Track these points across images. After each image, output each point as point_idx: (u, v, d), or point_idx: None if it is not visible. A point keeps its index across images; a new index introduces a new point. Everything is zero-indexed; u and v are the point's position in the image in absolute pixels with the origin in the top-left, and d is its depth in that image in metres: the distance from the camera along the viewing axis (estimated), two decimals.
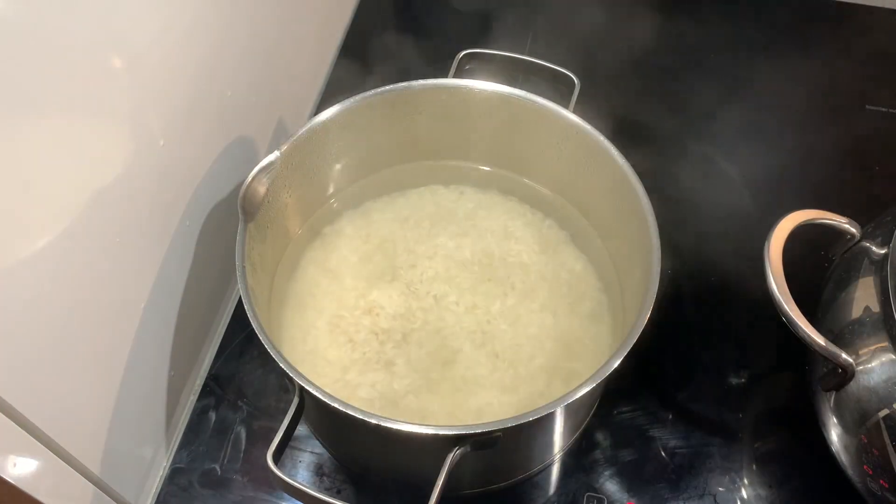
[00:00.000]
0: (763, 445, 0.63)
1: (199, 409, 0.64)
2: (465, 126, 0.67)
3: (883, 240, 0.54)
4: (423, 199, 0.69)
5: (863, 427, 0.52)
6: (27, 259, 0.41)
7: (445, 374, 0.59)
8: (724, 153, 0.81)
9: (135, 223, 0.52)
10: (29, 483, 0.44)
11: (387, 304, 0.62)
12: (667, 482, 0.60)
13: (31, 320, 0.43)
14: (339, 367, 0.59)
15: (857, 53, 0.90)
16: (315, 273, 0.65)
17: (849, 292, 0.55)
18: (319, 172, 0.65)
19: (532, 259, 0.65)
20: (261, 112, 0.70)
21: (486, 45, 0.69)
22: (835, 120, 0.84)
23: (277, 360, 0.48)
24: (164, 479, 0.61)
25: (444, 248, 0.66)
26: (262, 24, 0.67)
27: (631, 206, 0.58)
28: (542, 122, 0.63)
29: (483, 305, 0.62)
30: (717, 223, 0.76)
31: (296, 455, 0.62)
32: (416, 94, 0.64)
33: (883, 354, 0.51)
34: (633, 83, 0.88)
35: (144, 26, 0.49)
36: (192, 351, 0.65)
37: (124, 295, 0.52)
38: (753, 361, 0.67)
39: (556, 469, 0.61)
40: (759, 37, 0.91)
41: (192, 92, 0.56)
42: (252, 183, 0.55)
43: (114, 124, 0.48)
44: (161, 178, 0.54)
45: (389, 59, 0.85)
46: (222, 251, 0.64)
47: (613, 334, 0.61)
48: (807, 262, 0.60)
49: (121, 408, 0.53)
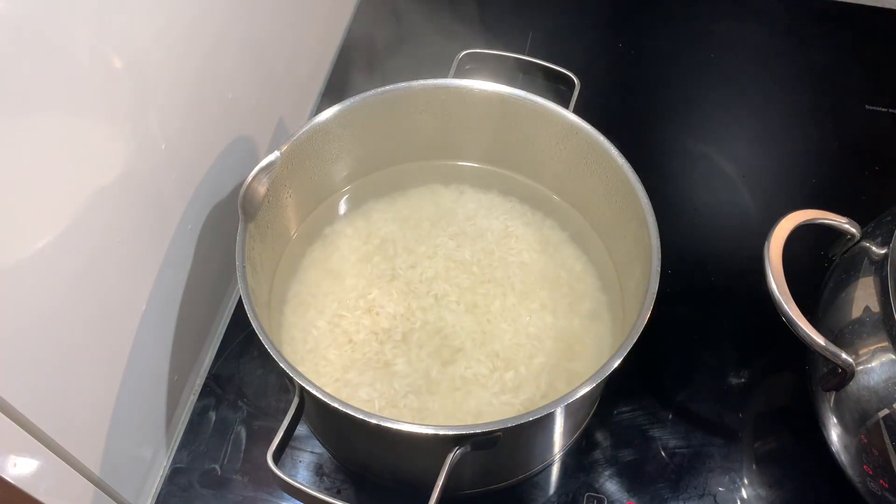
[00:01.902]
0: (763, 445, 0.63)
1: (199, 409, 0.64)
2: (466, 126, 0.67)
3: (883, 240, 0.54)
4: (423, 199, 0.69)
5: (863, 427, 0.52)
6: (27, 259, 0.41)
7: (445, 374, 0.59)
8: (724, 153, 0.81)
9: (135, 223, 0.52)
10: (29, 483, 0.44)
11: (387, 304, 0.62)
12: (667, 482, 0.60)
13: (31, 320, 0.42)
14: (339, 366, 0.59)
15: (857, 53, 0.90)
16: (315, 273, 0.65)
17: (849, 292, 0.55)
18: (319, 172, 0.65)
19: (532, 259, 0.65)
20: (261, 112, 0.70)
21: (486, 45, 0.69)
22: (835, 120, 0.84)
23: (277, 360, 0.48)
24: (164, 479, 0.61)
25: (444, 248, 0.66)
26: (262, 25, 0.67)
27: (631, 206, 0.58)
28: (542, 122, 0.63)
29: (483, 305, 0.62)
30: (717, 223, 0.76)
31: (296, 455, 0.62)
32: (416, 94, 0.64)
33: (883, 354, 0.51)
34: (633, 83, 0.88)
35: (144, 26, 0.49)
36: (192, 351, 0.65)
37: (124, 295, 0.52)
38: (753, 361, 0.67)
39: (556, 469, 0.61)
40: (759, 37, 0.92)
41: (192, 92, 0.56)
42: (252, 183, 0.55)
43: (114, 124, 0.48)
44: (161, 178, 0.54)
45: (389, 59, 0.85)
46: (222, 251, 0.64)
47: (613, 334, 0.61)
48: (807, 262, 0.60)
49: (121, 408, 0.53)
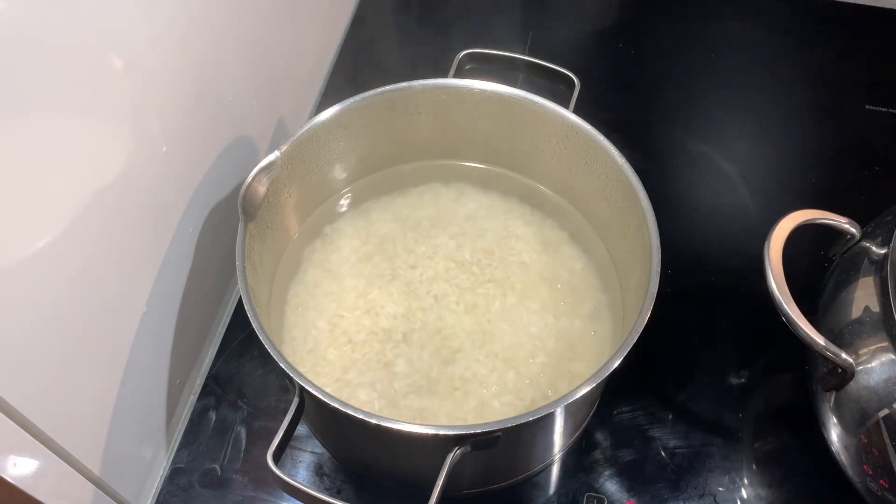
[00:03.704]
0: (763, 445, 0.63)
1: (199, 408, 0.64)
2: (465, 126, 0.67)
3: (883, 240, 0.54)
4: (423, 199, 0.69)
5: (863, 427, 0.52)
6: (27, 259, 0.41)
7: (445, 374, 0.59)
8: (724, 153, 0.81)
9: (135, 223, 0.52)
10: (29, 483, 0.44)
11: (387, 304, 0.62)
12: (667, 482, 0.60)
13: (32, 320, 0.43)
14: (339, 367, 0.59)
15: (857, 53, 0.90)
16: (315, 273, 0.65)
17: (849, 292, 0.55)
18: (319, 172, 0.65)
19: (532, 259, 0.65)
20: (261, 112, 0.70)
21: (486, 45, 0.68)
22: (835, 120, 0.84)
23: (277, 360, 0.48)
24: (164, 479, 0.61)
25: (444, 248, 0.66)
26: (262, 24, 0.67)
27: (631, 206, 0.58)
28: (542, 122, 0.63)
29: (483, 305, 0.62)
30: (717, 223, 0.76)
31: (296, 455, 0.62)
32: (416, 94, 0.64)
33: (883, 354, 0.51)
34: (633, 83, 0.88)
35: (144, 26, 0.49)
36: (192, 351, 0.65)
37: (124, 295, 0.52)
38: (753, 361, 0.67)
39: (556, 469, 0.61)
40: (759, 37, 0.91)
41: (192, 92, 0.56)
42: (252, 183, 0.55)
43: (114, 124, 0.48)
44: (161, 178, 0.54)
45: (389, 59, 0.85)
46: (222, 251, 0.64)
47: (614, 334, 0.61)
48: (807, 262, 0.60)
49: (121, 408, 0.53)
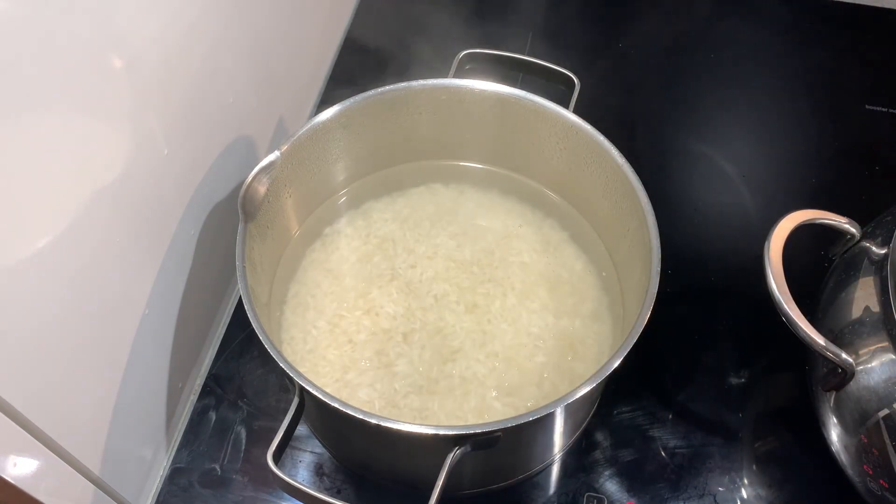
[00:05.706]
0: (763, 445, 0.63)
1: (199, 409, 0.64)
2: (465, 126, 0.67)
3: (883, 240, 0.54)
4: (423, 199, 0.69)
5: (863, 427, 0.52)
6: (27, 259, 0.41)
7: (445, 374, 0.59)
8: (724, 153, 0.81)
9: (135, 223, 0.52)
10: (29, 483, 0.44)
11: (387, 304, 0.62)
12: (667, 482, 0.60)
13: (32, 320, 0.43)
14: (339, 367, 0.59)
15: (857, 53, 0.90)
16: (315, 273, 0.65)
17: (849, 292, 0.55)
18: (319, 172, 0.65)
19: (532, 259, 0.65)
20: (261, 112, 0.70)
21: (486, 45, 0.68)
22: (835, 120, 0.84)
23: (277, 360, 0.48)
24: (164, 478, 0.61)
25: (444, 248, 0.66)
26: (262, 24, 0.67)
27: (631, 206, 0.58)
28: (542, 122, 0.63)
29: (483, 305, 0.62)
30: (716, 223, 0.76)
31: (296, 455, 0.62)
32: (416, 94, 0.64)
33: (883, 354, 0.51)
34: (633, 83, 0.88)
35: (144, 26, 0.49)
36: (192, 351, 0.65)
37: (124, 295, 0.52)
38: (753, 361, 0.67)
39: (556, 469, 0.61)
40: (759, 36, 0.91)
41: (192, 92, 0.56)
42: (252, 183, 0.55)
43: (114, 124, 0.48)
44: (161, 178, 0.54)
45: (389, 59, 0.85)
46: (222, 251, 0.64)
47: (614, 334, 0.61)
48: (807, 262, 0.60)
49: (121, 407, 0.53)
